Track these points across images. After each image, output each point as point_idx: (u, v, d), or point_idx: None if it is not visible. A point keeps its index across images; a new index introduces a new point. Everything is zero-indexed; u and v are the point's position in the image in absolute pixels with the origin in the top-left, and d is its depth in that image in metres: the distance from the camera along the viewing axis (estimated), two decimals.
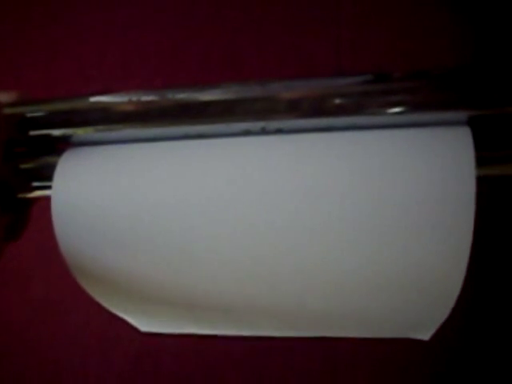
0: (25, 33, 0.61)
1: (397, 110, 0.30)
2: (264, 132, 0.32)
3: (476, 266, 0.29)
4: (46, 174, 0.34)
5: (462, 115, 0.30)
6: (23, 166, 0.35)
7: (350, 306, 0.32)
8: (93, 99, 0.33)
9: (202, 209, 0.31)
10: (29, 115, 0.34)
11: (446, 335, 0.33)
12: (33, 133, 0.34)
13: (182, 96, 0.32)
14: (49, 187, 0.34)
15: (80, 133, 0.34)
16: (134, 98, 0.32)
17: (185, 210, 0.31)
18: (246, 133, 0.32)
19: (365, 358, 0.52)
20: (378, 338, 0.36)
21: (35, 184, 0.35)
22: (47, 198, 0.34)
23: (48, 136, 0.34)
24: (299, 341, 0.40)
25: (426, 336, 0.34)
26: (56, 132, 0.34)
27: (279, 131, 0.32)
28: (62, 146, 0.35)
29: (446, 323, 0.32)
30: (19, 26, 0.61)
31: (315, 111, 0.31)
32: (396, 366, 0.51)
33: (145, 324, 0.40)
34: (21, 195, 0.35)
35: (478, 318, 0.49)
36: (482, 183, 0.28)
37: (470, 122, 0.30)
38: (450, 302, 0.30)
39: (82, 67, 0.59)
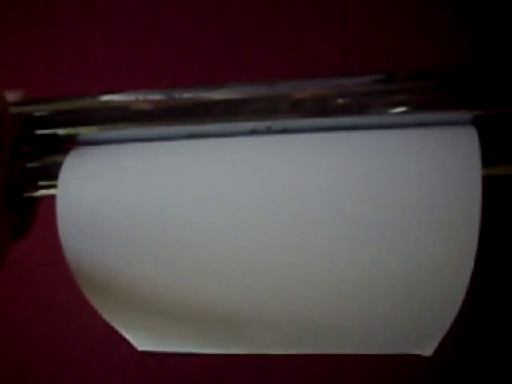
0: (28, 32, 0.61)
1: (402, 109, 0.30)
2: (270, 132, 0.32)
3: (481, 268, 0.29)
4: (52, 173, 0.34)
5: (468, 115, 0.30)
6: (29, 165, 0.35)
7: (351, 313, 0.32)
8: (99, 99, 0.33)
9: (208, 210, 0.31)
10: (35, 114, 0.34)
11: (448, 344, 0.32)
12: (39, 132, 0.34)
13: (189, 96, 0.32)
14: (55, 186, 0.34)
15: (86, 132, 0.34)
16: (141, 98, 0.33)
17: (191, 211, 0.31)
18: (252, 132, 0.32)
19: (370, 363, 0.52)
20: None
21: (41, 183, 0.35)
22: (54, 197, 0.34)
23: (54, 135, 0.34)
24: None
25: (428, 351, 0.33)
26: (62, 131, 0.34)
27: (285, 131, 0.32)
28: (68, 145, 0.35)
29: (448, 334, 0.31)
30: (23, 26, 0.61)
31: (320, 111, 0.31)
32: (402, 372, 0.51)
33: (144, 341, 0.39)
34: (27, 194, 0.35)
35: (482, 326, 0.48)
36: (487, 183, 0.28)
37: (476, 122, 0.30)
38: (454, 309, 0.30)
39: (86, 67, 0.59)
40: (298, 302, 0.32)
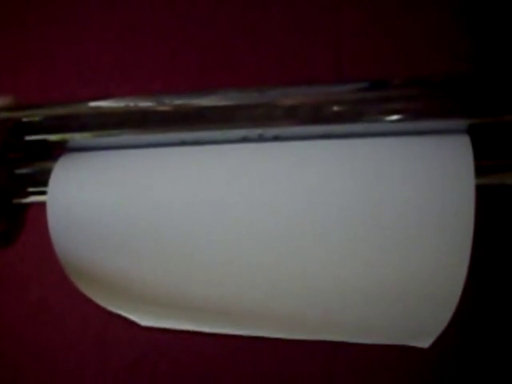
0: (21, 35, 0.61)
1: (396, 117, 0.30)
2: (261, 139, 0.32)
3: (475, 273, 0.29)
4: (41, 180, 0.34)
5: (462, 123, 0.30)
6: (18, 172, 0.35)
7: (349, 312, 0.32)
8: (89, 104, 0.33)
9: (198, 214, 0.31)
10: (24, 120, 0.34)
11: (445, 342, 0.32)
12: (28, 138, 0.34)
13: (180, 102, 0.32)
14: (44, 193, 0.33)
15: (76, 138, 0.33)
16: (132, 104, 0.32)
17: (181, 215, 0.31)
18: (244, 140, 0.32)
19: (364, 362, 0.52)
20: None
21: (30, 189, 0.35)
22: (44, 203, 0.33)
23: (43, 141, 0.34)
24: (298, 344, 0.40)
25: (425, 344, 0.34)
26: (52, 137, 0.34)
27: (276, 138, 0.32)
28: (58, 151, 0.35)
29: (445, 330, 0.31)
30: (15, 29, 0.61)
31: (313, 118, 0.31)
32: (396, 371, 0.51)
33: (145, 319, 0.39)
34: (16, 201, 0.35)
35: (478, 325, 0.48)
36: (481, 192, 0.28)
37: (470, 131, 0.30)
38: (450, 310, 0.30)
39: (79, 70, 0.59)
40: (296, 299, 0.32)
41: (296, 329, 0.35)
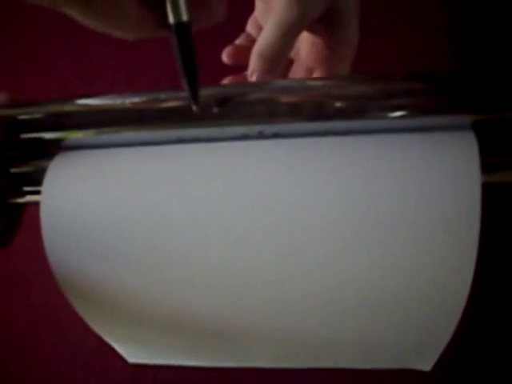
0: (25, 37, 0.61)
1: (399, 113, 0.29)
2: (261, 136, 0.31)
3: (481, 273, 0.28)
4: (37, 179, 0.33)
5: (467, 119, 0.29)
6: (14, 170, 0.34)
7: (348, 327, 0.31)
8: (85, 102, 0.33)
9: (195, 214, 0.30)
10: (20, 118, 0.33)
11: (447, 358, 0.31)
12: (24, 136, 0.33)
13: (178, 98, 0.31)
14: (40, 192, 0.33)
15: (72, 136, 0.33)
16: (128, 101, 0.32)
17: (178, 215, 0.30)
18: (244, 137, 0.31)
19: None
20: None
21: (26, 189, 0.34)
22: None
23: (39, 139, 0.33)
24: None
25: (426, 366, 0.32)
26: (48, 135, 0.33)
27: (276, 135, 0.31)
28: (54, 149, 0.34)
29: (447, 348, 0.30)
30: (20, 31, 0.61)
31: (315, 115, 0.30)
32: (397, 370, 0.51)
33: (134, 353, 0.38)
34: (11, 200, 0.34)
35: (482, 333, 0.48)
36: (487, 190, 0.27)
37: (475, 127, 0.29)
38: (453, 322, 0.29)
39: (83, 73, 0.59)
40: (291, 316, 0.31)
41: (293, 351, 0.33)
